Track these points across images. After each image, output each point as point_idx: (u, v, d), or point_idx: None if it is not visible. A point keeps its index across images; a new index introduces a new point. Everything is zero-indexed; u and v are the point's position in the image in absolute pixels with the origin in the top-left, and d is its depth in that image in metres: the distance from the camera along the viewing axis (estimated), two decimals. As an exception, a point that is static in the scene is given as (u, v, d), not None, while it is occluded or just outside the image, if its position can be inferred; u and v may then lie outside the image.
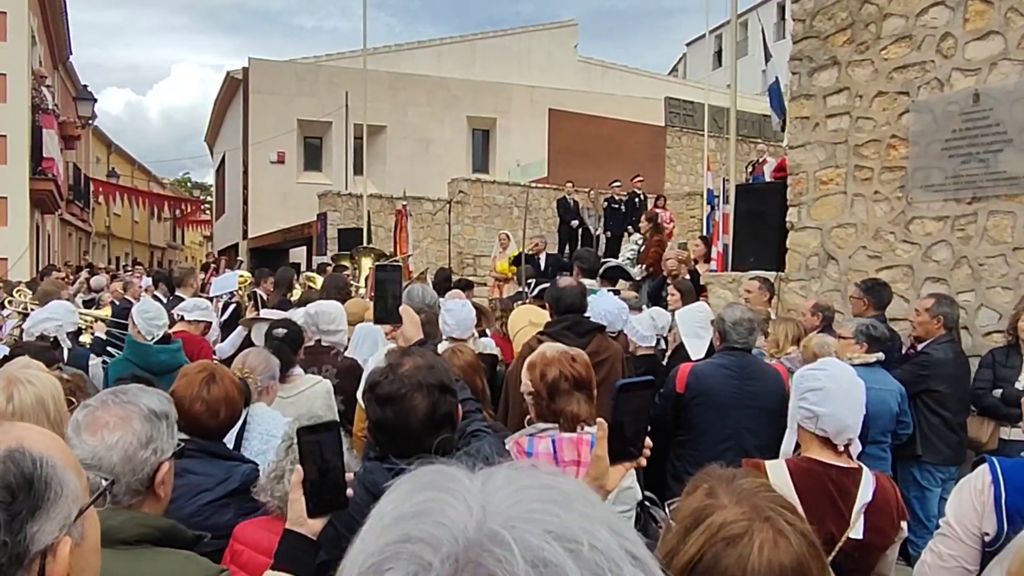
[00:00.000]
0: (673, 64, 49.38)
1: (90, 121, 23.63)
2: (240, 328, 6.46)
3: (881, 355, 4.86)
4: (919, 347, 5.41)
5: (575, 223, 15.81)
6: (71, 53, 22.99)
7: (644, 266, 9.60)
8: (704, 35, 20.20)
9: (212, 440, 2.81)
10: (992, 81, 5.88)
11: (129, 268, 21.32)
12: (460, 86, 27.06)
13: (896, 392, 4.80)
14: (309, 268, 16.92)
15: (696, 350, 4.94)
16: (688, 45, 47.47)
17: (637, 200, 16.30)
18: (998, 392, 5.05)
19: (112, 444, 1.79)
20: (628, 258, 10.26)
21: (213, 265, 19.50)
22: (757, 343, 4.69)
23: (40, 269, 14.32)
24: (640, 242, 10.24)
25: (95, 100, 21.69)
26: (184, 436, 2.37)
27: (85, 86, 22.02)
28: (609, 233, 15.83)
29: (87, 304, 9.30)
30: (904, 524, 2.58)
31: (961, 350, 5.43)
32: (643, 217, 10.74)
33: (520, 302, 8.10)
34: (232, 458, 2.86)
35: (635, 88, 29.60)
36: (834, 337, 5.08)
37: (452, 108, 27.02)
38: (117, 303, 9.77)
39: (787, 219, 7.48)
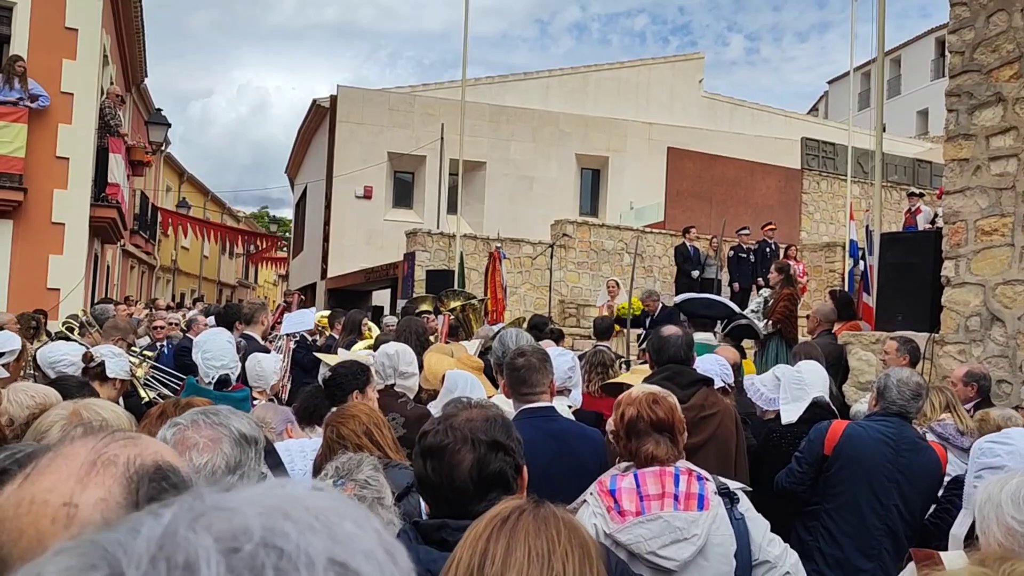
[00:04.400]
0: (813, 103, 49.35)
1: (162, 147, 24.02)
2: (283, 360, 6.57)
3: None
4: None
5: (696, 273, 15.91)
6: (146, 75, 23.39)
7: (770, 321, 9.62)
8: (848, 72, 20.12)
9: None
10: None
11: (189, 306, 21.67)
12: (569, 121, 27.58)
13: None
14: (392, 312, 17.28)
15: (789, 413, 4.93)
16: (830, 83, 47.33)
17: (768, 250, 16.40)
18: None
19: (199, 467, 1.86)
20: (752, 310, 10.30)
21: (283, 303, 19.72)
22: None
23: (98, 300, 14.38)
24: (768, 295, 10.28)
25: (169, 125, 21.86)
26: None
27: (159, 110, 22.32)
28: (736, 285, 15.92)
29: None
30: None
31: None
32: (772, 267, 10.78)
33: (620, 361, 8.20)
34: None
35: (767, 128, 29.66)
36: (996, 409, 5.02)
37: (560, 144, 27.56)
38: (161, 342, 9.60)
39: (942, 273, 7.47)
